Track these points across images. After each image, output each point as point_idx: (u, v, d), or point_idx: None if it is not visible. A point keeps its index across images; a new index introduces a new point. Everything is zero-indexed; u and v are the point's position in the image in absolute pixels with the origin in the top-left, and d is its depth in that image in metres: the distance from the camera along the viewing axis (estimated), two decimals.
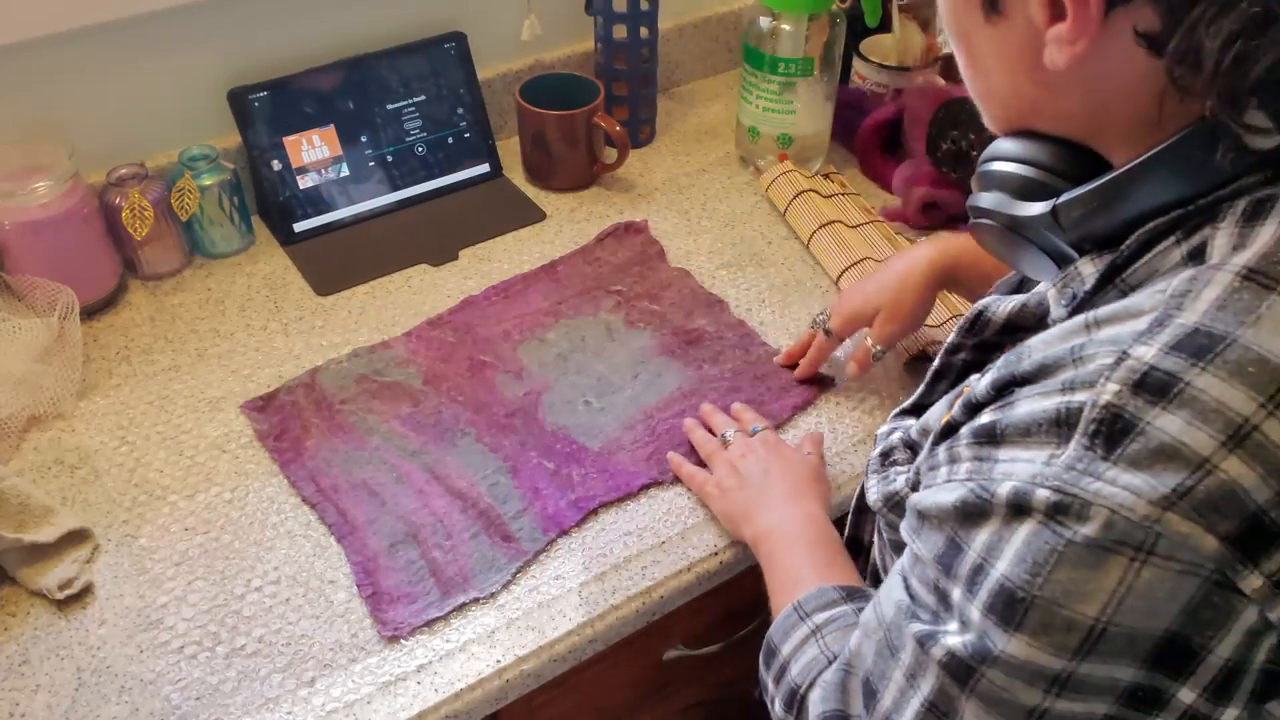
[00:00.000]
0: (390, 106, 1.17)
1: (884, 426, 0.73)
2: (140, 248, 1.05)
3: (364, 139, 1.16)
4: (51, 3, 0.96)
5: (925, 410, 0.69)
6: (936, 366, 0.70)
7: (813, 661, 0.65)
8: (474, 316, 1.04)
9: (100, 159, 1.05)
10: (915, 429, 0.68)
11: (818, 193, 1.17)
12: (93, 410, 0.94)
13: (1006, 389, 0.53)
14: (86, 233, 1.00)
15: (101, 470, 0.89)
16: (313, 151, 1.14)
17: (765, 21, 1.16)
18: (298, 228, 1.14)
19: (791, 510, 0.80)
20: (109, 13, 1.00)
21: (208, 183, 1.06)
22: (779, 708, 0.66)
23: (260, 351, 1.00)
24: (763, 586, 0.78)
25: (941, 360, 0.70)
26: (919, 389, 0.72)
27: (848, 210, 1.16)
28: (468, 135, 1.22)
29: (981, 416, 0.53)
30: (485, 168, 1.23)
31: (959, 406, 0.57)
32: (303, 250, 1.13)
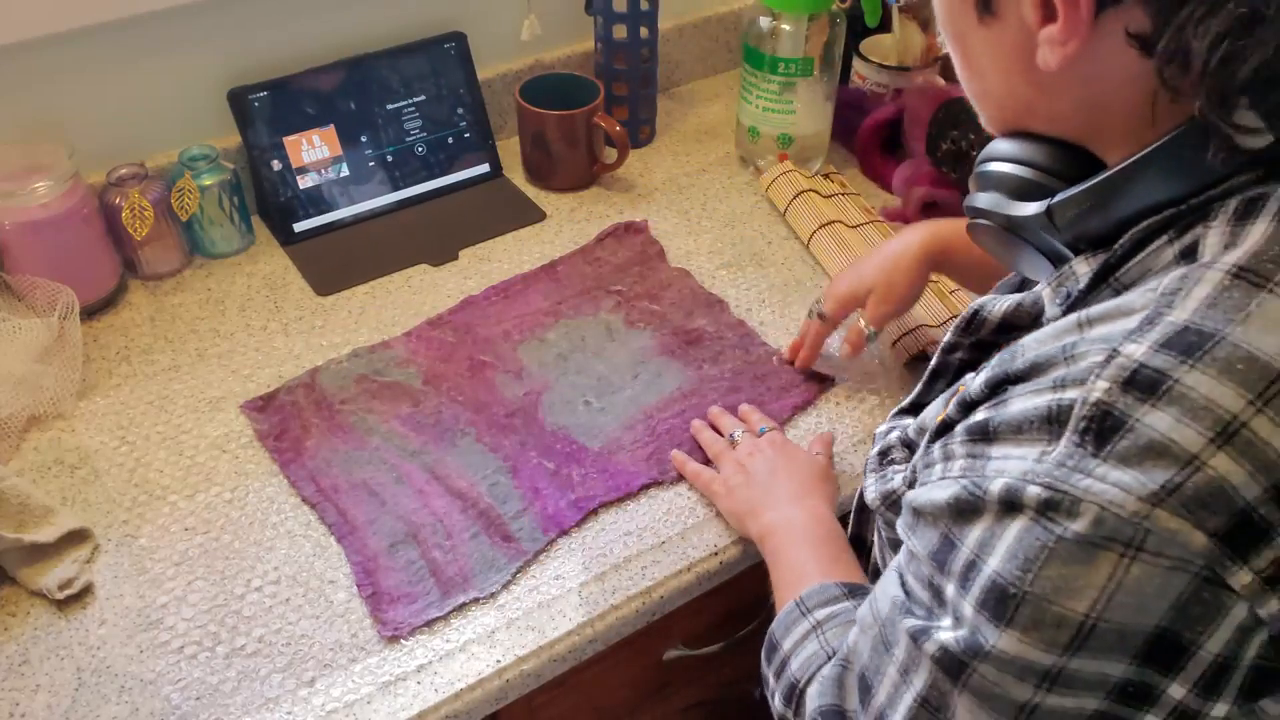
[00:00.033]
0: (390, 106, 1.17)
1: (882, 426, 0.73)
2: (140, 248, 1.05)
3: (364, 139, 1.16)
4: (51, 3, 0.96)
5: (923, 409, 0.69)
6: (934, 365, 0.71)
7: (812, 657, 0.66)
8: (474, 316, 1.04)
9: (100, 159, 1.05)
10: (913, 428, 0.68)
11: (818, 193, 1.17)
12: (93, 410, 0.94)
13: (1000, 387, 0.54)
14: (86, 233, 1.00)
15: (101, 470, 0.89)
16: (313, 151, 1.14)
17: (765, 21, 1.16)
18: (298, 228, 1.14)
19: (798, 507, 0.80)
20: (109, 13, 1.00)
21: (208, 183, 1.06)
22: (779, 702, 0.67)
23: (260, 351, 1.00)
24: (763, 586, 0.78)
25: (938, 359, 0.70)
26: (916, 388, 0.73)
27: (848, 210, 1.16)
28: (468, 135, 1.22)
29: (975, 414, 0.54)
30: (485, 168, 1.23)
31: (954, 405, 0.57)
32: (303, 250, 1.13)
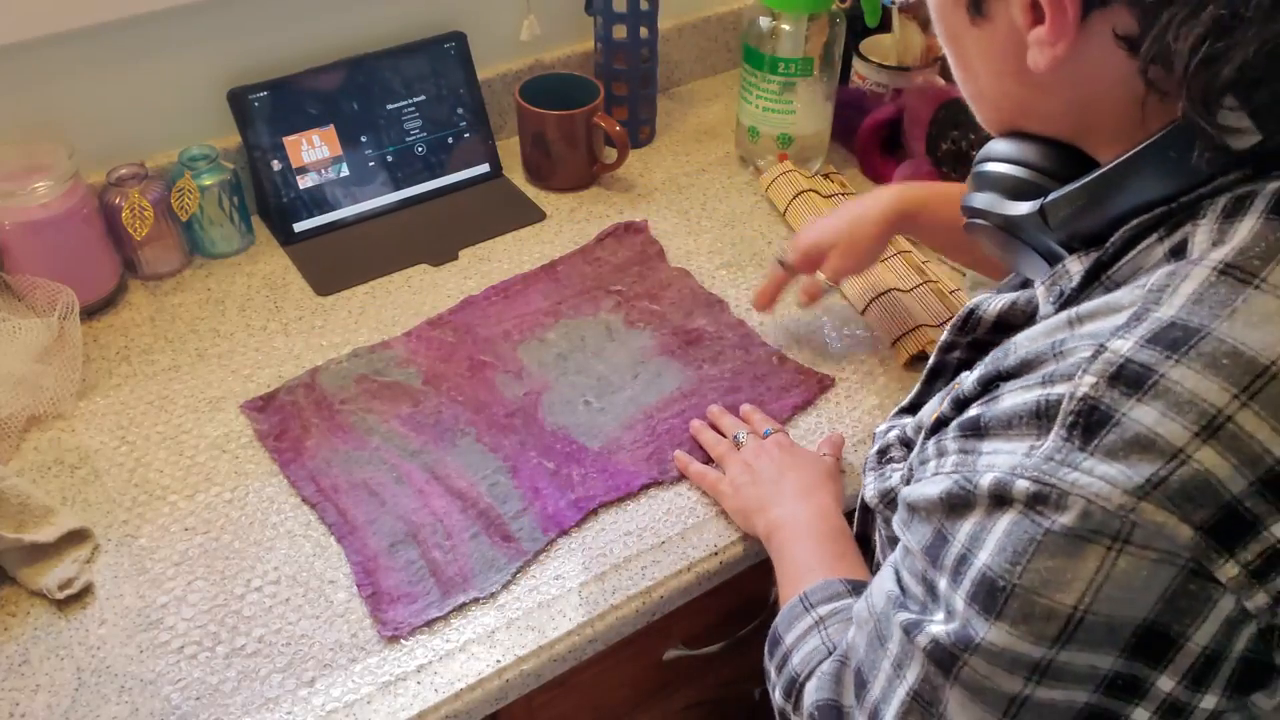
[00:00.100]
0: (390, 106, 1.17)
1: (882, 425, 0.74)
2: (140, 248, 1.05)
3: (364, 139, 1.16)
4: (51, 3, 0.96)
5: (922, 408, 0.70)
6: (932, 365, 0.71)
7: (813, 652, 0.66)
8: (474, 316, 1.04)
9: (100, 159, 1.05)
10: (910, 426, 0.68)
11: (818, 193, 1.17)
12: (93, 410, 0.94)
13: (992, 384, 0.54)
14: (86, 233, 1.00)
15: (101, 470, 0.89)
16: (313, 151, 1.14)
17: (765, 21, 1.16)
18: (298, 228, 1.14)
19: (804, 504, 0.81)
20: (109, 13, 1.00)
21: (208, 183, 1.06)
22: (779, 696, 0.67)
23: (260, 351, 1.00)
24: (762, 586, 0.79)
25: (936, 358, 0.71)
26: (916, 387, 0.73)
27: None
28: (468, 135, 1.22)
29: (968, 411, 0.54)
30: (485, 168, 1.23)
31: (948, 402, 0.58)
32: (303, 250, 1.13)
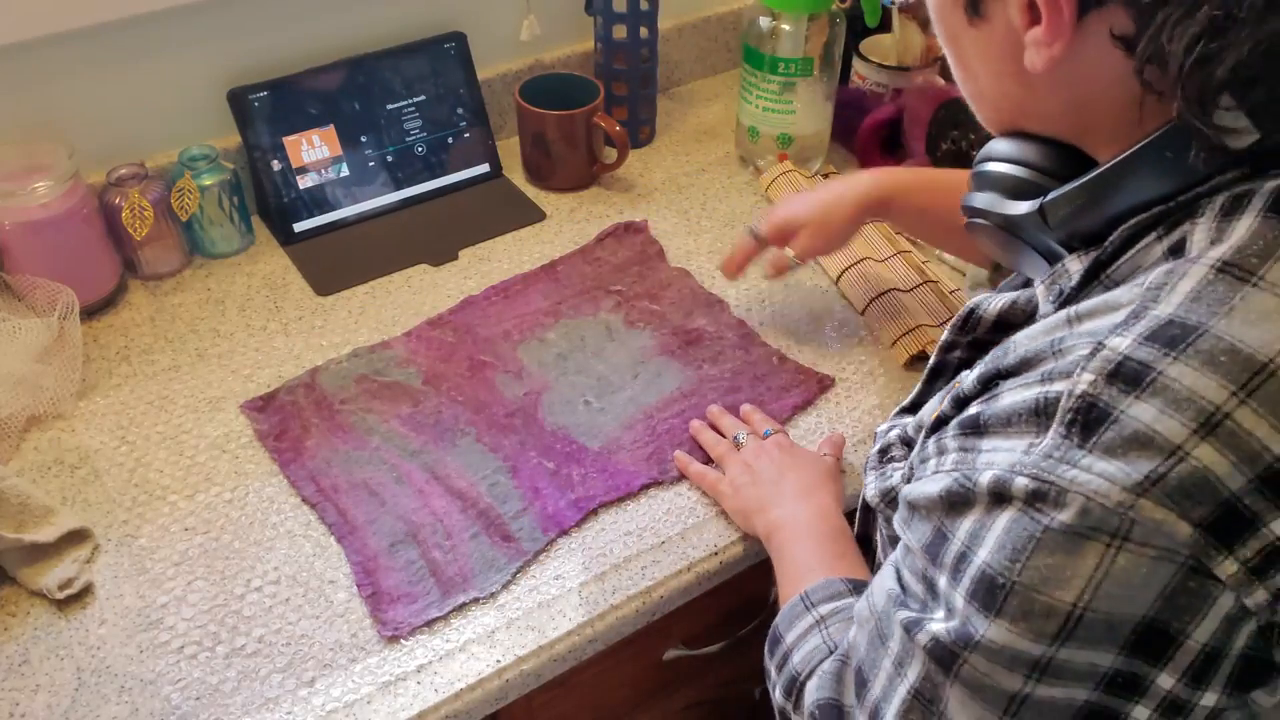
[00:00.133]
0: (390, 106, 1.17)
1: (883, 425, 0.74)
2: (140, 248, 1.05)
3: (364, 139, 1.16)
4: (51, 3, 0.96)
5: (922, 408, 0.70)
6: (932, 364, 0.71)
7: (814, 651, 0.66)
8: (474, 316, 1.04)
9: (100, 159, 1.05)
10: (911, 426, 0.69)
11: None
12: (93, 410, 0.94)
13: (991, 382, 0.55)
14: (86, 233, 1.00)
15: (101, 470, 0.89)
16: (313, 151, 1.14)
17: (765, 21, 1.16)
18: (298, 228, 1.14)
19: (804, 504, 0.81)
20: (109, 13, 1.00)
21: (208, 183, 1.06)
22: (779, 695, 0.67)
23: (260, 351, 1.00)
24: (762, 586, 0.79)
25: (937, 358, 0.71)
26: (917, 387, 0.73)
27: None
28: (468, 135, 1.22)
29: (968, 409, 0.54)
30: (485, 168, 1.23)
31: (948, 401, 0.58)
32: (303, 250, 1.13)
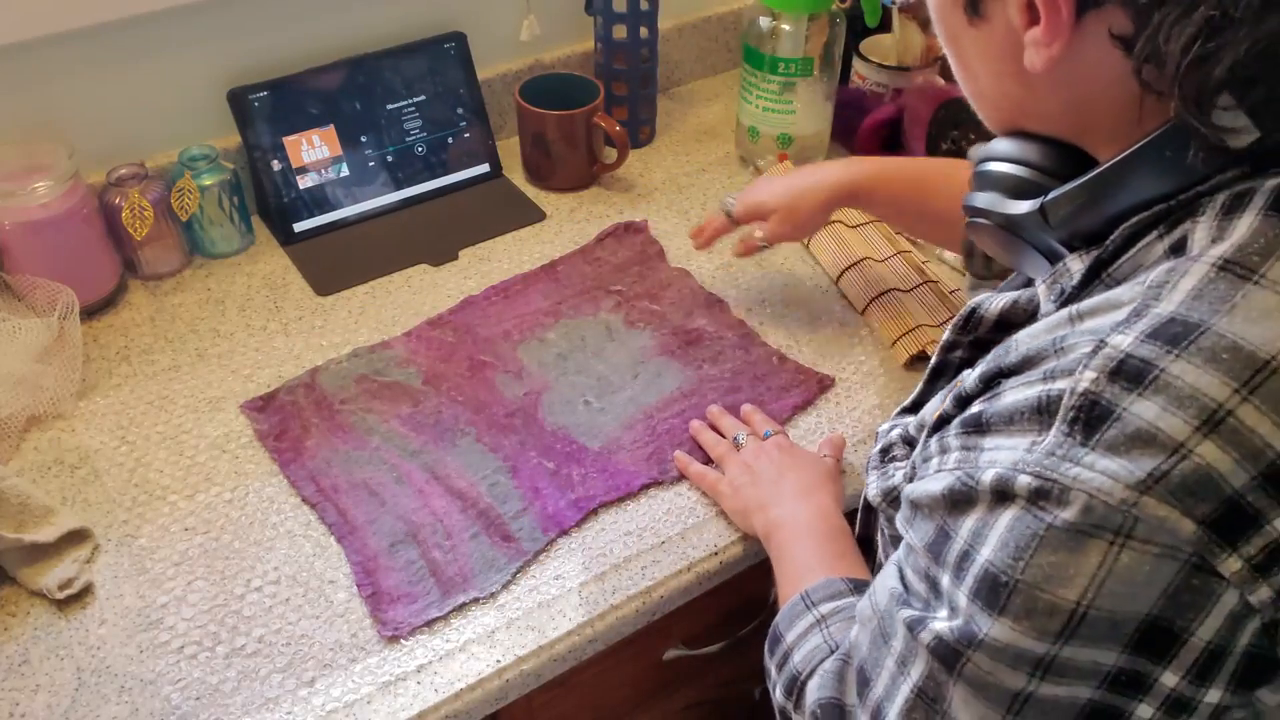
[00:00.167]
0: (390, 106, 1.17)
1: (885, 424, 0.74)
2: (140, 248, 1.05)
3: (364, 139, 1.16)
4: (51, 3, 0.96)
5: (924, 407, 0.70)
6: (934, 364, 0.71)
7: (815, 650, 0.66)
8: (474, 316, 1.04)
9: (100, 159, 1.05)
10: (913, 425, 0.69)
11: None
12: (93, 410, 0.94)
13: (994, 381, 0.55)
14: (86, 233, 1.00)
15: (101, 470, 0.89)
16: (313, 151, 1.14)
17: (765, 21, 1.16)
18: (298, 228, 1.14)
19: (803, 503, 0.81)
20: (109, 13, 1.00)
21: (208, 183, 1.06)
22: (780, 694, 0.67)
23: (260, 351, 1.00)
24: (762, 586, 0.78)
25: (938, 358, 0.71)
26: (918, 387, 0.73)
27: (847, 210, 1.16)
28: (468, 135, 1.22)
29: (970, 408, 0.54)
30: (485, 168, 1.23)
31: (950, 400, 0.58)
32: (303, 250, 1.13)
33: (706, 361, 0.99)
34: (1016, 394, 0.51)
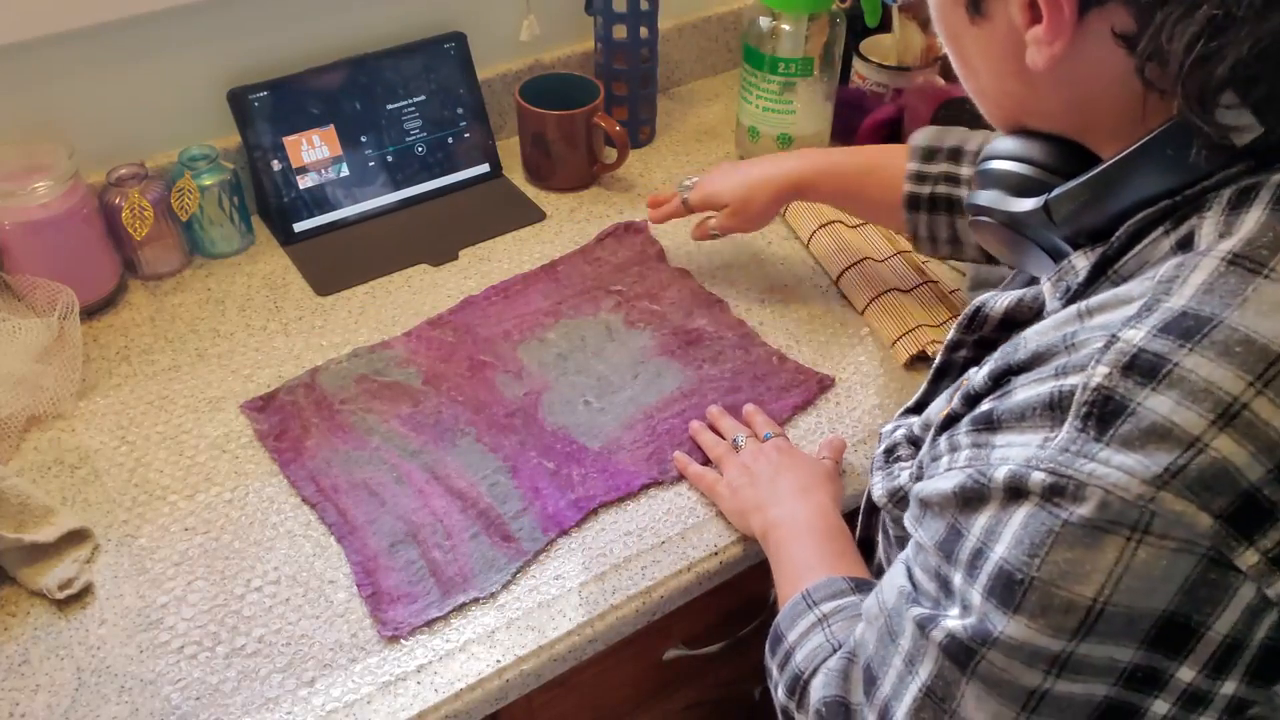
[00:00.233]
0: (390, 106, 1.17)
1: (888, 425, 0.74)
2: (140, 248, 1.05)
3: (364, 139, 1.16)
4: (51, 3, 0.96)
5: (928, 407, 0.70)
6: (938, 364, 0.71)
7: (817, 649, 0.66)
8: (474, 316, 1.04)
9: (100, 159, 1.05)
10: (917, 425, 0.68)
11: None
12: (93, 410, 0.94)
13: (1003, 378, 0.54)
14: (86, 233, 1.00)
15: (101, 470, 0.89)
16: (313, 151, 1.14)
17: (765, 21, 1.16)
18: (298, 228, 1.14)
19: (802, 503, 0.80)
20: (108, 13, 1.00)
21: (208, 183, 1.06)
22: (782, 694, 0.67)
23: (260, 351, 1.00)
24: (762, 586, 0.78)
25: (943, 358, 0.71)
26: (922, 387, 0.73)
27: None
28: (468, 135, 1.22)
29: (980, 406, 0.54)
30: (485, 168, 1.23)
31: (958, 398, 0.58)
32: (303, 250, 1.13)
33: (706, 361, 0.99)
34: (1028, 391, 0.51)
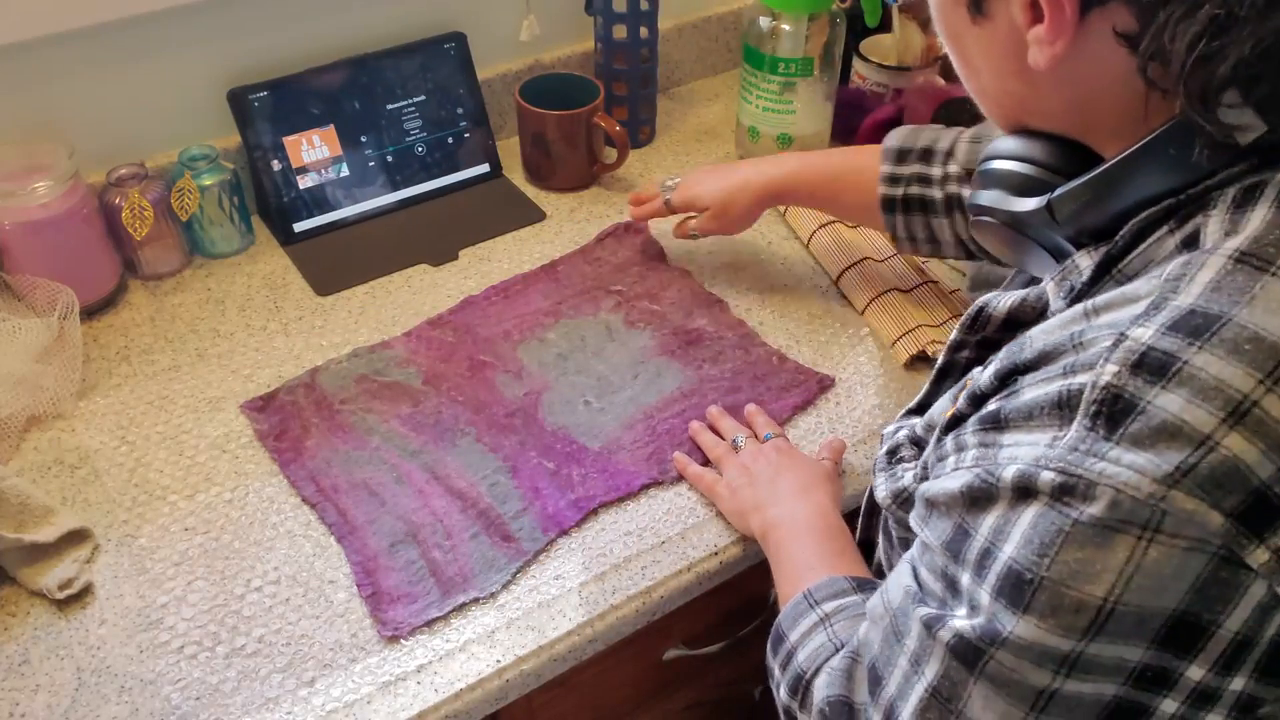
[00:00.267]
0: (390, 106, 1.17)
1: (890, 426, 0.73)
2: (140, 248, 1.05)
3: (364, 139, 1.16)
4: (51, 3, 0.96)
5: (931, 408, 0.70)
6: (941, 365, 0.71)
7: (820, 648, 0.66)
8: (474, 316, 1.04)
9: (100, 159, 1.05)
10: (920, 425, 0.68)
11: None
12: (93, 410, 0.94)
13: (1010, 378, 0.54)
14: (86, 233, 1.00)
15: (101, 470, 0.89)
16: (313, 151, 1.14)
17: (765, 21, 1.16)
18: (298, 228, 1.14)
19: (802, 503, 0.80)
20: (108, 13, 1.00)
21: (208, 183, 1.06)
22: (784, 693, 0.67)
23: (260, 351, 1.00)
24: (762, 586, 0.78)
25: (945, 358, 0.70)
26: (924, 388, 0.73)
27: None
28: (468, 135, 1.22)
29: (987, 405, 0.54)
30: (485, 168, 1.23)
31: (964, 398, 0.58)
32: (303, 250, 1.13)
33: (706, 361, 0.99)
34: (1035, 390, 0.51)
